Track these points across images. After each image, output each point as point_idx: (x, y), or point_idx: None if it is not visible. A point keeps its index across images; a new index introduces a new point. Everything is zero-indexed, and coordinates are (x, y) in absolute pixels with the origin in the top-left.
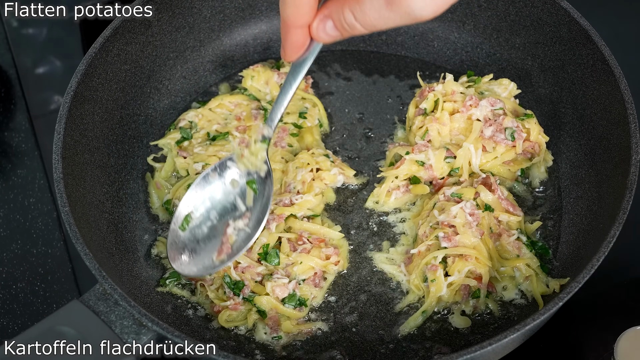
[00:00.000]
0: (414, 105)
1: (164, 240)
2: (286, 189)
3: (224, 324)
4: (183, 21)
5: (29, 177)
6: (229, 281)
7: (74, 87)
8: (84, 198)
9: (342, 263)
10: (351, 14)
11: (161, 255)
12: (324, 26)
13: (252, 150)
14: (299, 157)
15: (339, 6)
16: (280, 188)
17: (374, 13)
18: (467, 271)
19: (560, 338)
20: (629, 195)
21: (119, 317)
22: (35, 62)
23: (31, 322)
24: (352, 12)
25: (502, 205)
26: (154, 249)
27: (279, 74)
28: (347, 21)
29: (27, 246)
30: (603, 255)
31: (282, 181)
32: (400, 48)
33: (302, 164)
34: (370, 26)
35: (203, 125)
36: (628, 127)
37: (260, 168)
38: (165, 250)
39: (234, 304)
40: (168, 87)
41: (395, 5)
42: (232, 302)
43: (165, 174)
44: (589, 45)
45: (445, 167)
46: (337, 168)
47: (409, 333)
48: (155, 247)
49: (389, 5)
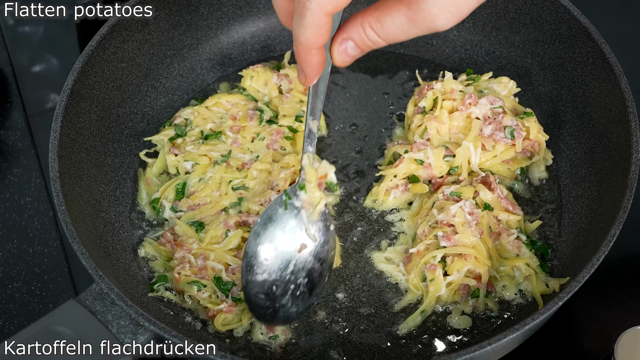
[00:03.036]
0: (413, 104)
1: (150, 241)
2: (270, 186)
3: (220, 328)
4: (180, 19)
5: (25, 176)
6: (219, 282)
7: (71, 85)
8: (80, 197)
9: (336, 260)
10: (373, 31)
11: (148, 256)
12: (345, 48)
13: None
14: (284, 158)
15: (358, 25)
16: (265, 187)
17: (396, 29)
18: (466, 270)
19: (560, 338)
20: (629, 194)
21: (115, 316)
22: (32, 60)
23: (27, 322)
24: (373, 29)
25: (501, 204)
26: (140, 250)
27: (278, 75)
28: (370, 38)
29: (23, 245)
30: (603, 255)
31: (267, 181)
32: (399, 46)
33: (287, 165)
34: (392, 40)
35: (198, 123)
36: (628, 125)
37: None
38: (152, 251)
39: (228, 306)
40: (165, 86)
41: (418, 22)
42: (226, 304)
43: (156, 171)
44: (589, 43)
45: (444, 166)
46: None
47: (408, 332)
48: (142, 247)
49: (412, 22)
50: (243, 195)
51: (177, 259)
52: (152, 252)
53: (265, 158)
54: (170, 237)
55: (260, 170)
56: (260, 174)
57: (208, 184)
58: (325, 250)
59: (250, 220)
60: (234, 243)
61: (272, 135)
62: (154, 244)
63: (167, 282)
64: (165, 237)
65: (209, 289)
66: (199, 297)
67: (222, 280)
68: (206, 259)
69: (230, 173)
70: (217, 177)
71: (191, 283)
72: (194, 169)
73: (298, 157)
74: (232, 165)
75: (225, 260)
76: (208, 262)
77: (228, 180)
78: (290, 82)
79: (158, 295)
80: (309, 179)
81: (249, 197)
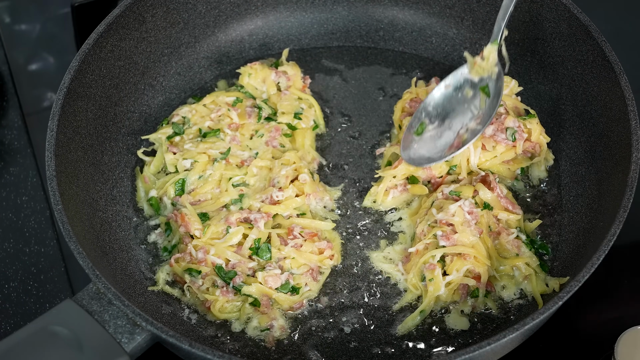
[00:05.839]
0: (400, 110)
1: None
2: (270, 183)
3: (218, 315)
4: (178, 17)
5: (21, 175)
6: (221, 271)
7: (67, 83)
8: (77, 196)
9: (337, 257)
10: None
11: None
12: None
13: (484, 55)
14: (285, 155)
15: None
16: (266, 184)
17: None
18: (465, 270)
19: (560, 338)
20: (629, 193)
21: (112, 316)
22: (28, 58)
23: (24, 321)
24: None
25: (501, 204)
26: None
27: (276, 73)
28: None
29: (19, 245)
30: (603, 254)
31: (268, 178)
32: (398, 44)
33: (287, 161)
34: None
35: (196, 121)
36: (629, 124)
37: (492, 71)
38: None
39: (226, 292)
40: (162, 84)
41: None
42: (220, 291)
43: (154, 169)
44: (589, 41)
45: (444, 166)
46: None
47: (407, 332)
48: (151, 234)
49: None
50: (244, 192)
51: (182, 233)
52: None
53: (264, 155)
54: (179, 215)
55: (260, 167)
56: (261, 170)
57: (208, 181)
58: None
59: (251, 217)
60: (234, 240)
61: (270, 132)
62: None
63: (179, 253)
64: (174, 214)
65: (207, 282)
66: (195, 288)
67: (224, 269)
68: (207, 253)
69: (230, 170)
70: (217, 174)
71: (187, 271)
72: (193, 166)
73: (298, 153)
74: (231, 163)
75: (226, 255)
76: (208, 255)
77: (228, 177)
78: (288, 79)
79: (158, 289)
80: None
81: (250, 193)
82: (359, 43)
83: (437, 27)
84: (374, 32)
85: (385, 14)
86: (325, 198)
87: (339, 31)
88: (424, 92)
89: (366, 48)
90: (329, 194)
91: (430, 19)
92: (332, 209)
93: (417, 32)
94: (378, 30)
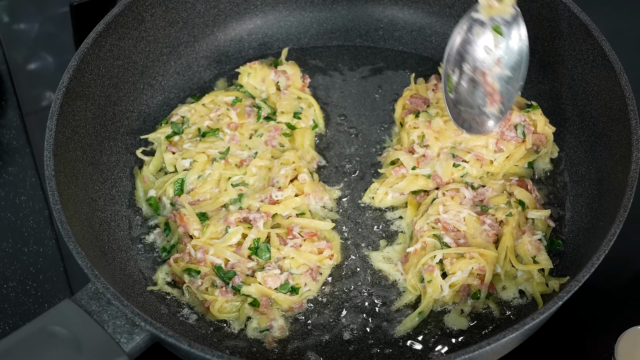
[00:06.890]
0: (401, 107)
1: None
2: (270, 183)
3: (217, 315)
4: (177, 16)
5: (20, 174)
6: (220, 271)
7: (66, 83)
8: (76, 196)
9: (336, 257)
10: None
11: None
12: None
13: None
14: (284, 155)
15: None
16: (265, 184)
17: None
18: (470, 270)
19: (560, 338)
20: (629, 192)
21: (111, 316)
22: (27, 58)
23: (22, 321)
24: None
25: (536, 204)
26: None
27: (276, 72)
28: None
29: (18, 245)
30: (603, 254)
31: (267, 177)
32: (398, 43)
33: (287, 161)
34: None
35: (195, 120)
36: (629, 123)
37: (505, 12)
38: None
39: (225, 292)
40: (161, 83)
41: None
42: (219, 291)
43: (153, 169)
44: (589, 40)
45: (455, 172)
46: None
47: (405, 333)
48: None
49: None
50: (243, 191)
51: (181, 233)
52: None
53: (263, 155)
54: (177, 215)
55: (260, 167)
56: (260, 170)
57: (207, 181)
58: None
59: (250, 216)
60: (234, 240)
61: (270, 132)
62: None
63: (179, 253)
64: (173, 214)
65: (206, 282)
66: (194, 288)
67: (223, 269)
68: (206, 253)
69: (229, 170)
70: (216, 174)
71: (186, 271)
72: (192, 166)
73: (297, 153)
74: (230, 162)
75: (225, 255)
76: (207, 255)
77: (227, 177)
78: (287, 78)
79: (158, 289)
80: None
81: (249, 193)
82: (359, 42)
83: (437, 27)
84: (374, 32)
85: (385, 13)
86: (325, 198)
87: (338, 30)
88: (424, 88)
89: (366, 47)
90: (329, 193)
91: (430, 19)
92: (331, 209)
93: (416, 32)
94: (378, 29)
